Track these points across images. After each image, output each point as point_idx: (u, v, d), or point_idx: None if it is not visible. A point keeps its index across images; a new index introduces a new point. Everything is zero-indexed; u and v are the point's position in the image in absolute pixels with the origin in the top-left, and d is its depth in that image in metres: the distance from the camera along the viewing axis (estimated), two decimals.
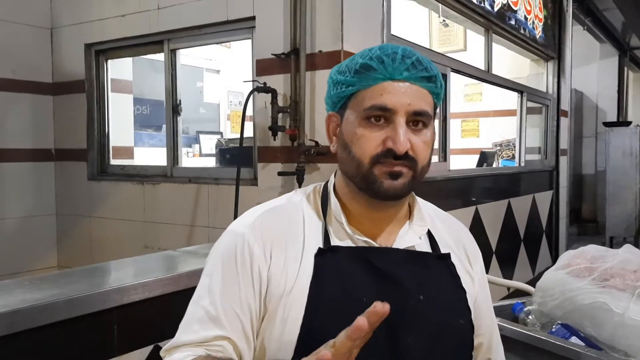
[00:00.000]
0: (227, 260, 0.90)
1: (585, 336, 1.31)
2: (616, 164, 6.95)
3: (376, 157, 0.86)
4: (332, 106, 0.95)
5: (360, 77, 0.88)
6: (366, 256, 0.90)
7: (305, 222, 0.93)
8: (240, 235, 0.91)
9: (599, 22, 6.99)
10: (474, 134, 6.14)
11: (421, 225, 0.96)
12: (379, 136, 0.86)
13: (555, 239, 5.35)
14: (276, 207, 0.96)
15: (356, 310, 0.83)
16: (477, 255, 1.05)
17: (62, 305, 1.38)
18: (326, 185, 0.99)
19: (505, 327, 1.36)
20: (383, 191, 0.87)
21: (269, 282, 0.88)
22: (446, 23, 4.85)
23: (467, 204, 3.60)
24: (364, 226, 0.93)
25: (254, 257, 0.88)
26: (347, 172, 0.92)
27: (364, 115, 0.87)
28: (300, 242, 0.91)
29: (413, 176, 0.88)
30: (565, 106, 5.37)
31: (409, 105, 0.85)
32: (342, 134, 0.91)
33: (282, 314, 0.86)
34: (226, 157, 3.17)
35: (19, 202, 3.26)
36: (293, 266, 0.88)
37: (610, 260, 1.39)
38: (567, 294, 1.36)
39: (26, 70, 3.26)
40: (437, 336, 0.90)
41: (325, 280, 0.87)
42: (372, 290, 0.87)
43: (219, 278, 0.90)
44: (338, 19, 2.37)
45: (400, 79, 0.86)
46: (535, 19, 4.72)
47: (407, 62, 0.87)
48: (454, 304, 0.95)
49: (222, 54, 5.64)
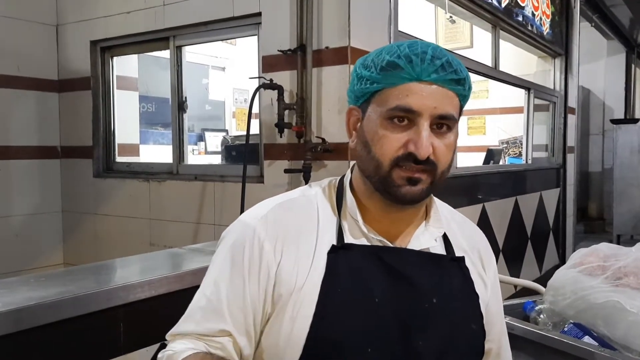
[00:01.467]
0: (235, 253, 0.88)
1: (598, 335, 1.29)
2: (623, 162, 6.91)
3: (396, 160, 0.83)
4: (355, 100, 0.91)
5: (386, 75, 0.84)
6: (380, 255, 0.88)
7: (320, 217, 0.91)
8: (251, 228, 0.88)
9: (606, 19, 6.94)
10: (481, 132, 6.10)
11: (437, 227, 0.94)
12: (401, 138, 0.83)
13: (562, 236, 5.32)
14: (290, 200, 0.93)
15: (368, 310, 0.84)
16: (491, 259, 1.04)
17: (67, 303, 1.38)
18: (342, 180, 0.96)
19: (516, 327, 1.34)
20: (400, 196, 0.85)
21: (277, 280, 0.85)
22: (453, 19, 4.81)
23: (474, 201, 3.58)
24: (380, 225, 0.91)
25: (264, 253, 0.86)
26: (364, 171, 0.89)
27: (387, 115, 0.84)
28: (313, 238, 0.88)
29: (432, 181, 0.85)
30: (573, 103, 5.34)
31: (435, 109, 0.82)
32: (363, 130, 0.88)
33: (291, 311, 0.84)
34: (232, 155, 3.16)
35: (25, 200, 3.26)
36: (305, 262, 0.86)
37: (624, 259, 1.37)
38: (580, 293, 1.34)
39: (32, 67, 3.26)
40: (449, 340, 0.88)
41: (337, 278, 0.85)
42: (385, 290, 0.86)
43: (226, 270, 0.88)
44: (345, 14, 2.35)
45: (428, 81, 0.83)
46: (542, 16, 4.68)
47: (436, 64, 0.83)
48: (467, 308, 0.93)
49: (228, 51, 5.62)
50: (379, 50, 0.89)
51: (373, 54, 0.89)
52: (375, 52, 0.90)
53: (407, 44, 0.86)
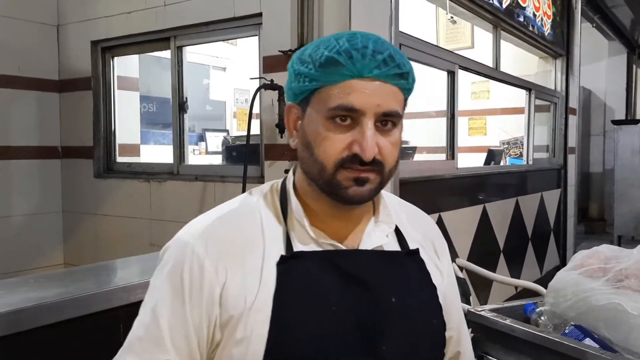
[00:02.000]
0: (174, 276, 0.81)
1: (600, 338, 1.28)
2: (624, 162, 6.91)
3: (341, 162, 0.79)
4: (293, 97, 0.86)
5: (326, 72, 0.79)
6: (333, 260, 0.84)
7: (264, 226, 0.85)
8: (189, 247, 0.81)
9: (607, 19, 6.93)
10: (482, 132, 6.09)
11: (388, 222, 0.91)
12: (344, 138, 0.79)
13: (563, 237, 5.31)
14: (230, 211, 0.87)
15: (326, 321, 0.80)
16: (444, 246, 1.01)
17: (68, 304, 1.38)
18: (284, 183, 0.91)
19: (517, 329, 1.34)
20: (348, 198, 0.81)
21: (224, 301, 0.79)
22: (454, 20, 4.80)
23: (474, 202, 3.57)
24: (329, 227, 0.86)
25: (205, 274, 0.79)
26: (308, 173, 0.85)
27: (328, 114, 0.79)
28: (259, 251, 0.82)
29: (380, 181, 0.82)
30: (574, 104, 5.33)
31: (379, 107, 0.79)
32: (304, 131, 0.83)
33: (242, 333, 0.78)
34: (232, 155, 3.15)
35: (25, 200, 3.26)
36: (253, 279, 0.80)
37: (625, 261, 1.36)
38: (581, 295, 1.34)
39: (32, 68, 3.26)
40: (413, 340, 0.86)
41: (290, 291, 0.80)
42: (342, 297, 0.82)
43: (165, 294, 0.81)
44: (346, 15, 2.35)
45: (370, 77, 0.78)
46: (543, 16, 4.68)
47: (378, 59, 0.79)
48: (427, 303, 0.90)
49: (228, 51, 5.62)
50: (316, 44, 0.84)
51: (310, 48, 0.84)
52: (312, 45, 0.85)
53: (346, 37, 0.81)
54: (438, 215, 3.03)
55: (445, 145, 3.41)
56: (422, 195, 2.97)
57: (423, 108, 4.66)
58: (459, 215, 3.33)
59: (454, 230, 3.16)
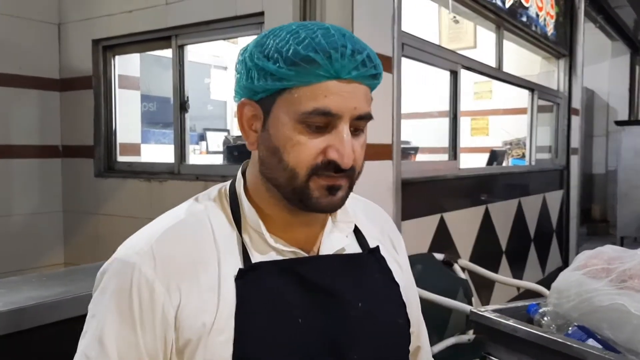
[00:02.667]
0: (121, 301, 0.73)
1: (603, 339, 1.27)
2: (627, 163, 6.89)
3: (314, 169, 0.74)
4: (250, 94, 0.77)
5: (299, 71, 0.71)
6: (295, 269, 0.78)
7: (216, 237, 0.78)
8: (136, 268, 0.73)
9: (611, 20, 6.92)
10: (484, 133, 6.08)
11: (346, 222, 0.86)
12: (318, 143, 0.73)
13: (566, 239, 5.30)
14: (177, 224, 0.79)
15: (293, 335, 0.75)
16: (400, 239, 0.98)
17: (68, 303, 1.38)
18: (233, 186, 0.84)
19: (519, 329, 1.32)
20: (320, 207, 0.76)
21: (179, 324, 0.72)
22: (456, 20, 4.80)
23: (476, 203, 3.56)
24: (286, 233, 0.81)
25: (156, 297, 0.72)
26: (273, 180, 0.77)
27: (301, 118, 0.73)
28: (214, 266, 0.76)
29: (349, 186, 0.78)
30: (577, 104, 5.32)
31: (355, 109, 0.74)
32: (270, 135, 0.76)
33: (203, 356, 0.72)
34: (234, 155, 3.15)
35: (26, 199, 3.25)
36: (210, 297, 0.73)
37: (629, 261, 1.35)
38: (584, 295, 1.33)
39: (33, 66, 3.25)
40: (380, 344, 0.83)
41: (252, 307, 0.74)
42: (307, 308, 0.77)
43: (111, 323, 0.73)
44: (348, 14, 2.34)
45: (347, 79, 0.73)
46: (546, 16, 4.66)
47: (357, 59, 0.73)
48: (391, 303, 0.87)
49: (229, 50, 5.62)
50: (280, 36, 0.75)
51: (274, 40, 0.75)
52: (274, 36, 0.75)
53: (320, 33, 0.73)
54: (440, 216, 3.02)
55: (447, 145, 3.40)
56: (424, 196, 2.96)
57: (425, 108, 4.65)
58: (461, 216, 3.32)
59: (456, 231, 3.15)
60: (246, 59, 0.77)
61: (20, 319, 1.28)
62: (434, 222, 2.98)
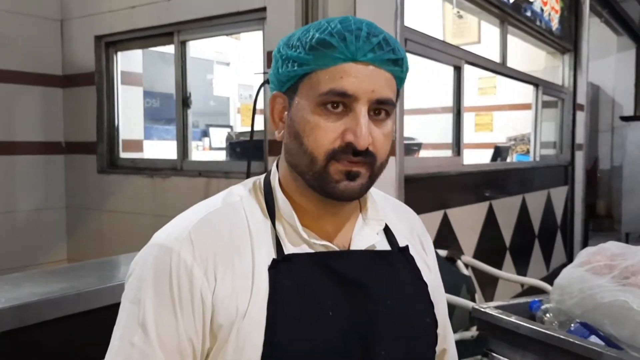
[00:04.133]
0: (159, 285, 0.74)
1: (605, 335, 1.27)
2: (633, 159, 6.86)
3: (333, 153, 0.75)
4: (279, 85, 0.81)
5: (316, 55, 0.75)
6: (327, 263, 0.79)
7: (251, 228, 0.79)
8: (175, 253, 0.75)
9: (616, 14, 6.87)
10: (488, 128, 6.06)
11: (377, 220, 0.87)
12: (337, 127, 0.75)
13: (570, 235, 5.28)
14: (212, 213, 0.80)
15: (323, 328, 0.76)
16: (429, 240, 0.98)
17: (71, 299, 1.38)
18: (268, 179, 0.86)
19: (522, 326, 1.32)
20: (339, 193, 0.76)
21: (214, 308, 0.74)
22: (460, 15, 4.77)
23: (481, 199, 3.55)
24: (317, 226, 0.82)
25: (194, 280, 0.74)
26: (296, 167, 0.79)
27: (319, 100, 0.75)
28: (248, 254, 0.77)
29: (370, 175, 0.78)
30: (582, 100, 5.29)
31: (373, 92, 0.74)
32: (292, 120, 0.78)
33: (236, 342, 0.73)
34: (236, 151, 3.15)
35: (29, 195, 3.26)
36: (244, 285, 0.75)
37: (631, 258, 1.34)
38: (587, 292, 1.32)
39: (36, 63, 3.26)
40: (408, 342, 0.83)
41: (284, 297, 0.75)
42: (338, 301, 0.78)
43: (152, 307, 0.74)
44: (351, 9, 2.33)
45: (364, 61, 0.74)
46: (551, 11, 4.64)
47: (372, 42, 0.75)
48: (420, 302, 0.87)
49: (232, 46, 5.61)
50: (305, 28, 0.79)
51: (299, 32, 0.79)
52: (301, 30, 0.80)
53: (338, 20, 0.77)
54: (443, 212, 3.01)
55: (451, 141, 3.39)
56: (428, 192, 2.95)
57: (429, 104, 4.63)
58: (465, 212, 3.31)
59: (459, 228, 3.14)
60: (275, 53, 0.81)
61: (23, 315, 1.29)
62: (437, 218, 2.98)
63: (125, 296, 0.78)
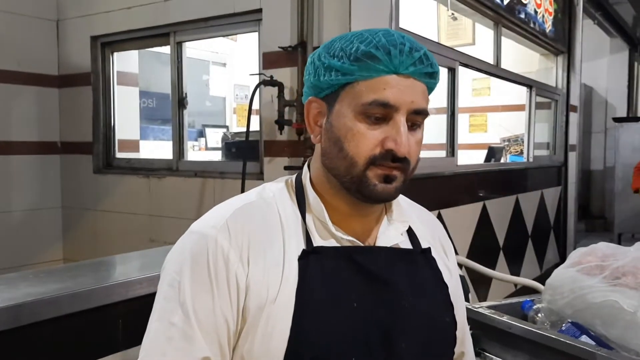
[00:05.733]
0: (197, 268, 0.78)
1: (596, 335, 1.28)
2: (626, 160, 6.90)
3: (373, 159, 0.79)
4: (316, 91, 0.84)
5: (361, 66, 0.78)
6: (353, 257, 0.83)
7: (282, 221, 0.84)
8: (212, 239, 0.79)
9: (609, 16, 6.92)
10: (482, 129, 6.08)
11: (402, 221, 0.91)
12: (377, 135, 0.79)
13: (563, 235, 5.31)
14: (249, 204, 0.85)
15: (348, 317, 0.80)
16: (450, 245, 1.02)
17: (66, 299, 1.38)
18: (299, 178, 0.90)
19: (514, 325, 1.34)
20: (376, 195, 0.81)
21: (247, 291, 0.78)
22: (455, 16, 4.79)
23: (474, 199, 3.57)
24: (346, 223, 0.86)
25: (230, 264, 0.78)
26: (333, 169, 0.83)
27: (362, 110, 0.78)
28: (279, 245, 0.82)
29: (404, 179, 0.82)
30: (575, 101, 5.32)
31: (412, 103, 0.79)
32: (332, 126, 0.82)
33: (264, 326, 0.77)
34: (232, 151, 3.16)
35: (25, 195, 3.26)
36: (275, 272, 0.79)
37: (622, 258, 1.36)
38: (578, 292, 1.34)
39: (32, 63, 3.25)
40: (428, 338, 0.86)
41: (312, 286, 0.79)
42: (363, 293, 0.82)
43: (190, 289, 0.78)
44: (346, 11, 2.35)
45: (405, 74, 0.79)
46: (545, 13, 4.66)
47: (414, 56, 0.79)
48: (440, 302, 0.91)
49: (228, 47, 5.62)
50: (346, 38, 0.82)
51: (340, 42, 0.82)
52: (340, 39, 0.83)
53: (381, 33, 0.80)
54: (438, 212, 3.03)
55: (445, 142, 3.40)
56: (422, 192, 2.95)
57: None
58: (459, 213, 3.33)
59: (453, 228, 3.16)
60: (315, 59, 0.84)
61: (19, 315, 1.29)
62: None
63: (162, 282, 0.82)
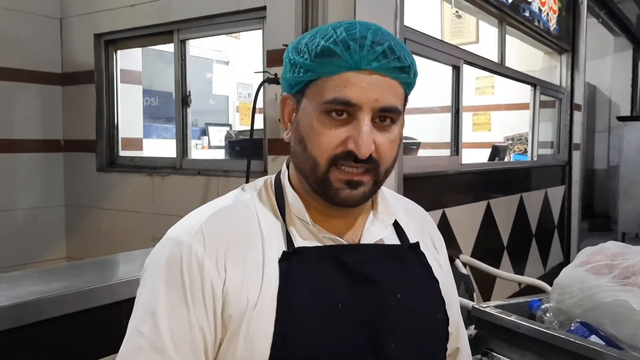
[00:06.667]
0: (171, 276, 0.76)
1: (605, 335, 1.27)
2: (629, 159, 6.88)
3: (334, 159, 0.76)
4: (289, 88, 0.82)
5: (321, 63, 0.75)
6: (336, 256, 0.80)
7: (261, 223, 0.82)
8: (186, 246, 0.77)
9: (613, 15, 6.88)
10: (486, 128, 6.07)
11: (387, 215, 0.88)
12: (339, 134, 0.75)
13: (567, 234, 5.29)
14: (224, 208, 0.83)
15: (333, 319, 0.77)
16: (440, 239, 0.99)
17: (70, 298, 1.38)
18: (279, 178, 0.88)
19: (522, 325, 1.33)
20: (340, 201, 0.78)
21: (225, 299, 0.75)
22: (459, 14, 4.77)
23: (478, 198, 3.56)
24: (327, 222, 0.83)
25: (205, 272, 0.75)
26: (301, 170, 0.81)
27: (323, 108, 0.76)
28: (259, 248, 0.79)
29: (375, 182, 0.79)
30: (579, 100, 5.30)
31: (376, 101, 0.75)
32: (298, 124, 0.80)
33: (246, 332, 0.75)
34: (236, 150, 3.14)
35: (28, 193, 3.26)
36: (254, 277, 0.77)
37: (632, 258, 1.35)
38: (587, 292, 1.33)
39: (35, 60, 3.25)
40: (419, 336, 0.84)
41: (294, 288, 0.77)
42: (348, 294, 0.79)
43: (163, 298, 0.75)
44: (351, 9, 2.33)
45: (368, 70, 0.74)
46: (549, 11, 4.64)
47: (377, 50, 0.74)
48: (430, 297, 0.88)
49: (231, 45, 5.60)
50: (313, 33, 0.80)
51: (307, 37, 0.80)
52: (309, 33, 0.81)
53: (344, 27, 0.77)
54: (442, 211, 3.02)
55: (449, 140, 3.39)
56: (426, 191, 2.96)
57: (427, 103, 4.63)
58: (463, 212, 3.31)
59: (457, 227, 3.15)
60: (286, 55, 0.82)
61: (22, 314, 1.28)
62: (435, 217, 2.98)
63: (139, 290, 0.80)
